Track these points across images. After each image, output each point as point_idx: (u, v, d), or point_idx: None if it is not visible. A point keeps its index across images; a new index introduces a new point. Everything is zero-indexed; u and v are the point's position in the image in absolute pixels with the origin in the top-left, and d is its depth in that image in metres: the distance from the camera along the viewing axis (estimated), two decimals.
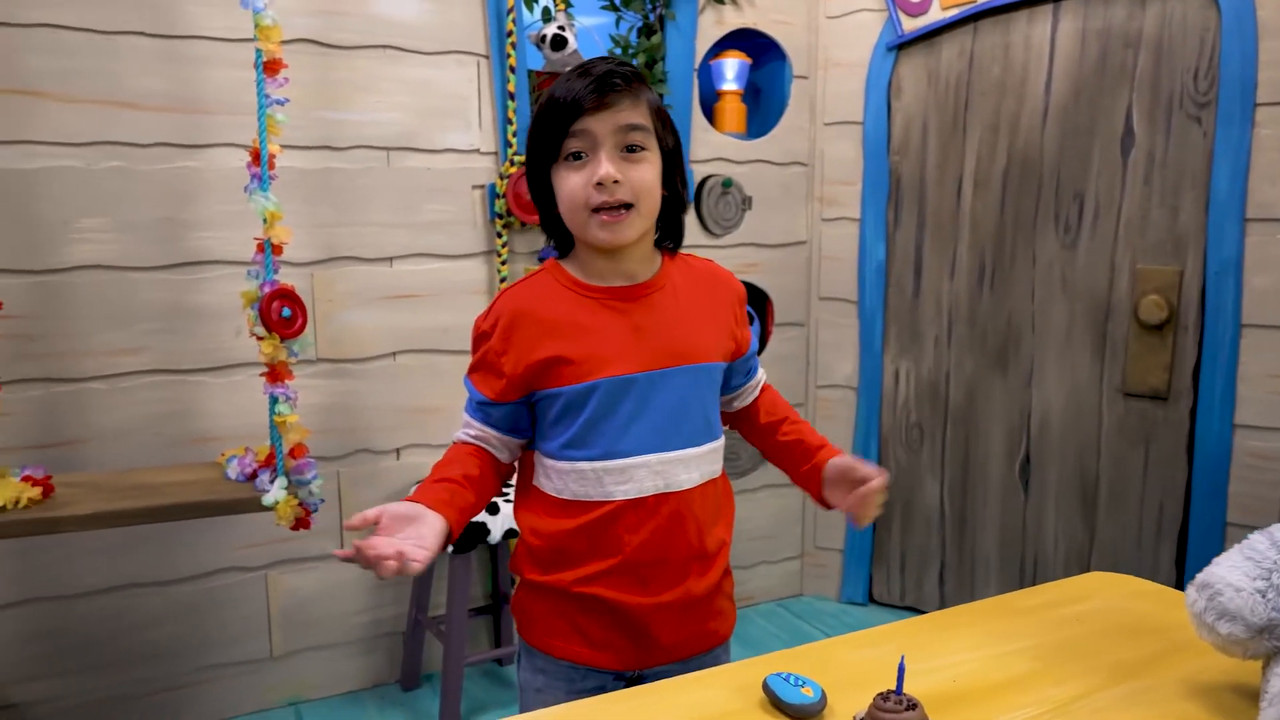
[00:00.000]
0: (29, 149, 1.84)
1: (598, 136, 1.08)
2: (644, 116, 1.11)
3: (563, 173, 1.11)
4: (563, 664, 1.18)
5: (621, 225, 1.10)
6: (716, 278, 1.25)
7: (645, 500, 1.14)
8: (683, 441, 1.16)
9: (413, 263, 2.22)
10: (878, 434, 2.74)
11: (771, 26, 2.57)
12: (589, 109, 1.08)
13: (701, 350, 1.17)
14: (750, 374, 1.31)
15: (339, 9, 2.07)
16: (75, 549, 1.97)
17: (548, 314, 1.14)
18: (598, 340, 1.14)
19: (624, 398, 1.13)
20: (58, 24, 1.84)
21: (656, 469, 1.14)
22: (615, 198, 1.09)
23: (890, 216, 2.65)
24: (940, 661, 0.98)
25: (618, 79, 1.08)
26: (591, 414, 1.13)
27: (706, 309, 1.20)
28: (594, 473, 1.14)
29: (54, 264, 1.88)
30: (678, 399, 1.15)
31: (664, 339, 1.15)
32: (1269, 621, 0.88)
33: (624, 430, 1.13)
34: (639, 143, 1.10)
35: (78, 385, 1.93)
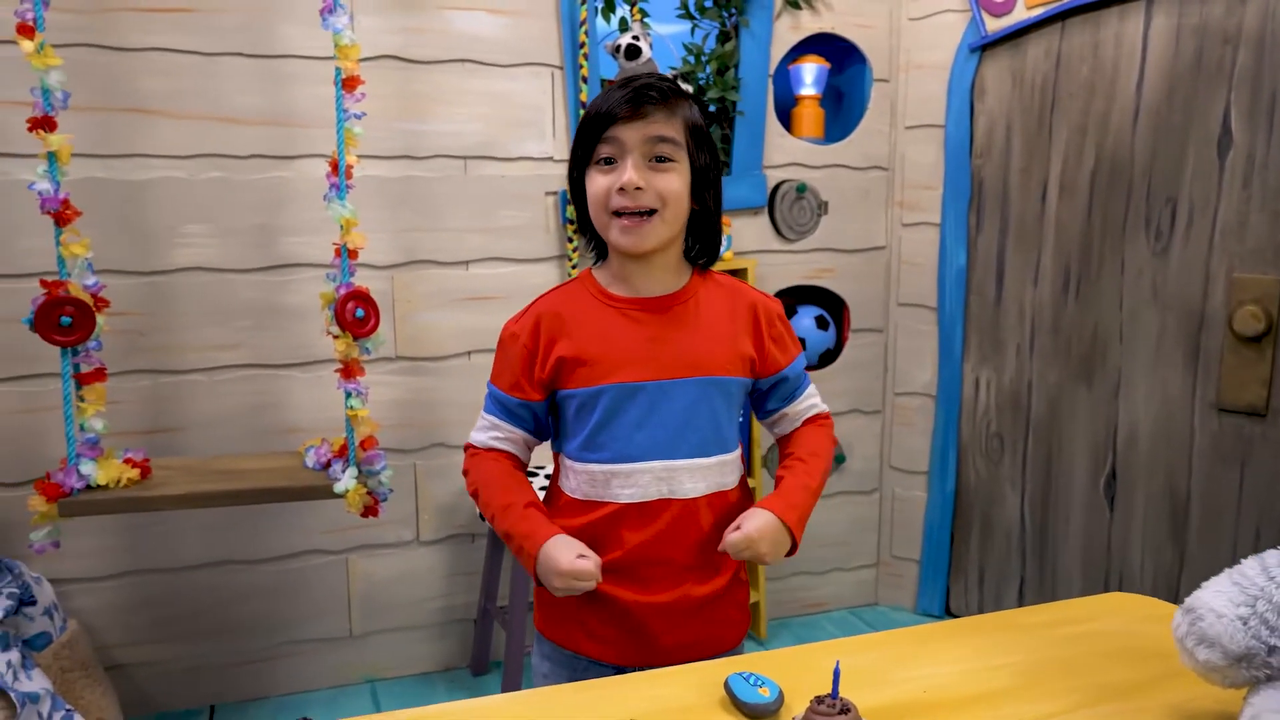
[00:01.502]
0: (141, 161, 2.03)
1: (627, 144, 1.14)
2: (676, 130, 1.16)
3: (593, 175, 1.18)
4: (567, 653, 1.23)
5: (642, 230, 1.15)
6: (743, 295, 1.28)
7: (649, 504, 1.19)
8: (690, 451, 1.20)
9: (488, 266, 2.32)
10: (956, 443, 2.68)
11: (851, 30, 2.55)
12: (622, 118, 1.13)
13: (716, 364, 1.21)
14: (789, 399, 1.31)
15: (421, 26, 2.19)
16: (178, 527, 2.16)
17: (571, 318, 1.21)
18: (612, 347, 1.19)
19: (632, 404, 1.18)
20: (167, 48, 2.02)
21: (661, 475, 1.19)
22: (637, 203, 1.14)
23: (972, 221, 2.59)
24: (918, 672, 0.99)
25: (653, 92, 1.15)
26: (601, 417, 1.19)
27: (726, 324, 1.24)
28: (602, 475, 1.20)
29: (161, 266, 2.07)
30: (686, 409, 1.19)
31: (678, 350, 1.19)
32: (1248, 650, 0.85)
33: (631, 436, 1.18)
34: (667, 154, 1.15)
35: (180, 377, 2.11)
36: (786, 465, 1.28)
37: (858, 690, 0.94)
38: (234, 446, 2.14)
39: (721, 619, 1.25)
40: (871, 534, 2.81)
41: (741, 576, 1.29)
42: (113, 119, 1.99)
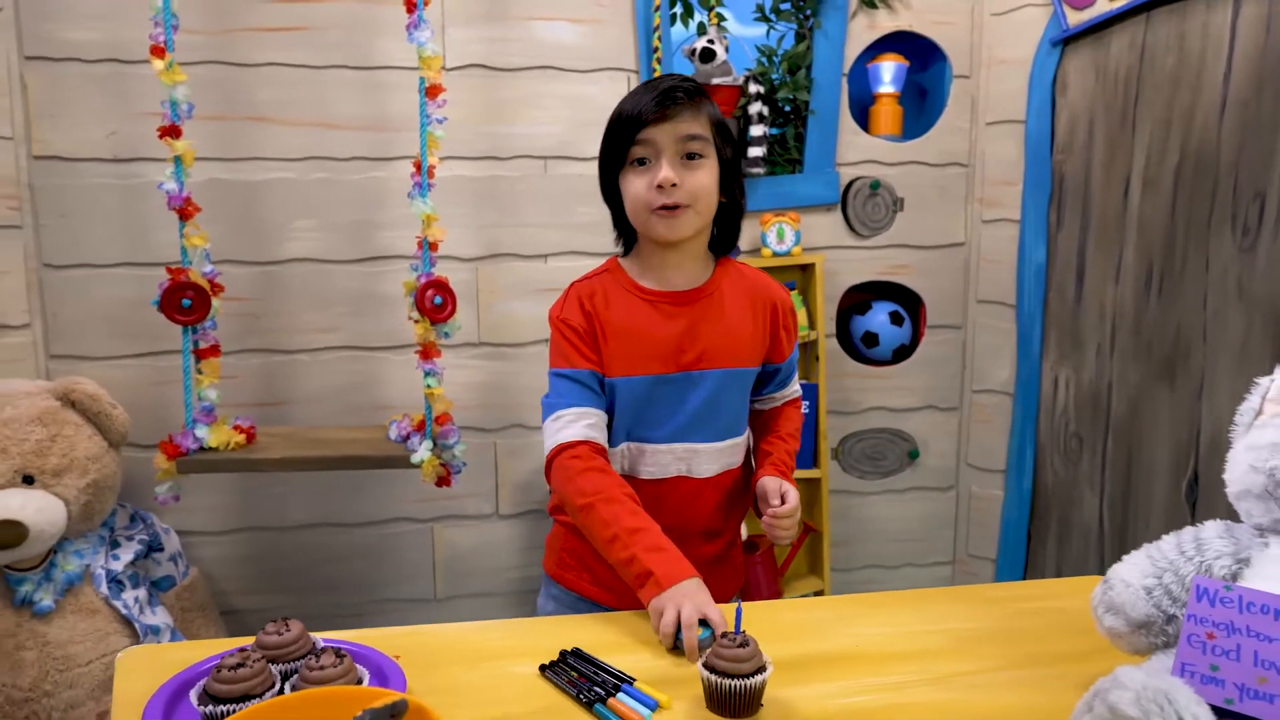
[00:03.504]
0: (257, 164, 2.28)
1: (660, 145, 1.22)
2: (703, 127, 1.24)
3: (629, 177, 1.27)
4: (571, 594, 1.36)
5: (678, 221, 1.24)
6: (764, 287, 1.36)
7: (666, 481, 1.30)
8: (708, 436, 1.30)
9: (565, 259, 2.47)
10: (1034, 442, 2.65)
11: (930, 27, 2.56)
12: (652, 120, 1.22)
13: (737, 355, 1.30)
14: (782, 385, 1.42)
15: (506, 36, 2.36)
16: (286, 491, 2.41)
17: (610, 309, 1.30)
18: (645, 339, 1.28)
19: (661, 393, 1.27)
20: (281, 63, 2.26)
21: (681, 456, 1.30)
22: (673, 199, 1.22)
23: (1052, 218, 2.55)
24: (859, 629, 1.06)
25: (679, 93, 1.23)
26: (632, 405, 1.29)
27: (748, 316, 1.32)
28: (627, 453, 1.30)
29: (274, 257, 2.32)
30: (709, 399, 1.29)
31: (705, 343, 1.28)
32: (1147, 617, 0.89)
33: (658, 422, 1.27)
34: (697, 151, 1.23)
35: (288, 356, 2.36)
36: (772, 442, 1.37)
37: (794, 639, 1.02)
38: (332, 420, 2.37)
39: (718, 576, 1.35)
40: (947, 531, 2.81)
41: (737, 542, 1.39)
42: (233, 126, 2.25)
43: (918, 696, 0.93)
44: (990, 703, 0.92)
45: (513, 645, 1.04)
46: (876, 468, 2.74)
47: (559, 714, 0.92)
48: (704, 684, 0.92)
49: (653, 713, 0.91)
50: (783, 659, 0.98)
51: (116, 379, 2.19)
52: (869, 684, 0.95)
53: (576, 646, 1.03)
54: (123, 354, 2.26)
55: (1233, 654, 0.81)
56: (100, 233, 2.21)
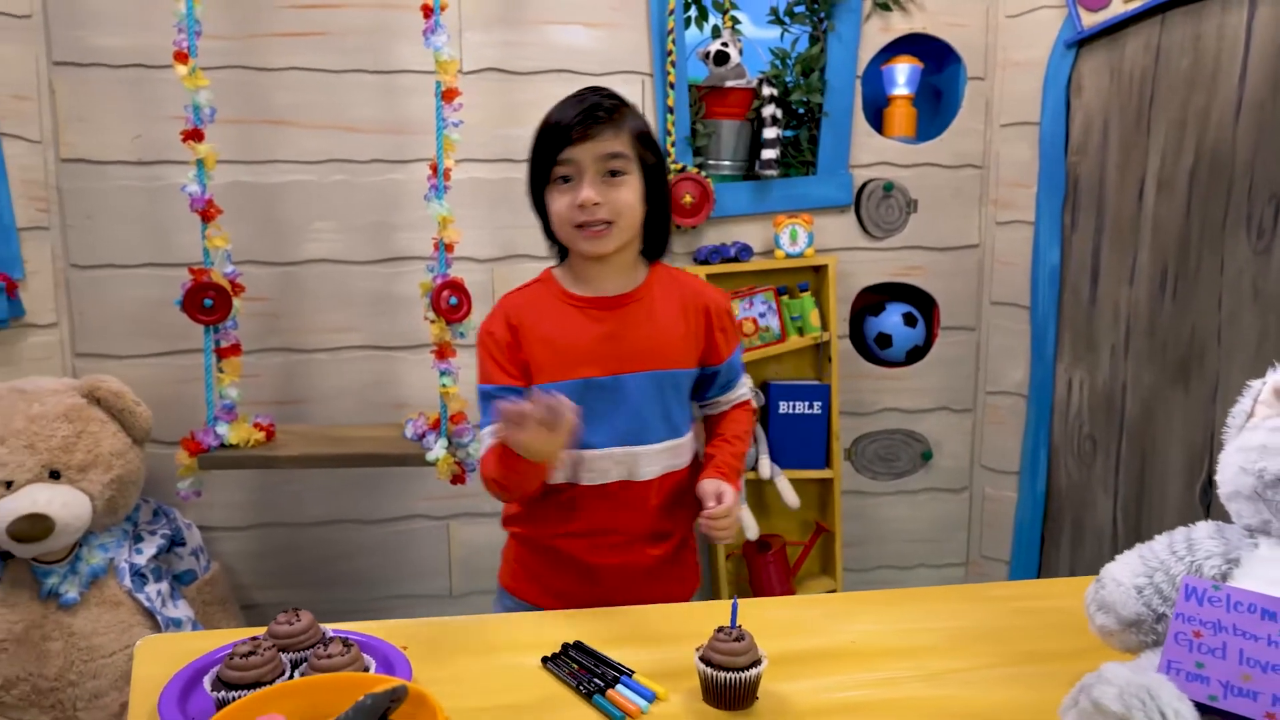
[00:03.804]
0: (277, 166, 2.33)
1: (582, 164, 1.26)
2: (624, 144, 1.28)
3: (553, 194, 1.30)
4: (523, 604, 1.38)
5: (602, 239, 1.28)
6: (696, 291, 1.39)
7: (608, 486, 1.32)
8: (648, 439, 1.33)
9: None
10: (1047, 444, 2.65)
11: (944, 29, 2.57)
12: (575, 140, 1.25)
13: (669, 357, 1.33)
14: (726, 388, 1.43)
15: (520, 40, 2.39)
16: (305, 487, 2.45)
17: (536, 318, 1.33)
18: (574, 343, 1.31)
19: (594, 397, 1.29)
20: (301, 67, 2.30)
21: (620, 460, 1.32)
22: (596, 217, 1.26)
23: (1066, 220, 2.55)
24: (857, 626, 1.08)
25: (600, 112, 1.26)
26: None
27: (679, 319, 1.35)
28: (568, 460, 1.32)
29: (293, 258, 2.36)
30: (644, 400, 1.31)
31: (634, 345, 1.31)
32: (1137, 616, 0.90)
33: (595, 426, 1.29)
34: (619, 168, 1.27)
35: (307, 355, 2.40)
36: (717, 445, 1.41)
37: (791, 635, 1.04)
38: (350, 418, 2.41)
39: (671, 577, 1.39)
40: (960, 532, 2.81)
41: (691, 543, 1.41)
42: (254, 130, 2.29)
43: (910, 692, 0.95)
44: (981, 699, 0.94)
45: (516, 638, 1.07)
46: (890, 469, 2.75)
47: (560, 704, 0.94)
48: (700, 677, 0.94)
49: (650, 704, 0.94)
50: (778, 654, 1.00)
51: (140, 377, 2.24)
52: (862, 679, 0.97)
53: (578, 640, 1.05)
54: (146, 353, 2.31)
55: (1219, 652, 0.82)
56: (125, 234, 2.26)
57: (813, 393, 2.56)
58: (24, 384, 2.07)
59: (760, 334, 2.51)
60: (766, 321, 2.52)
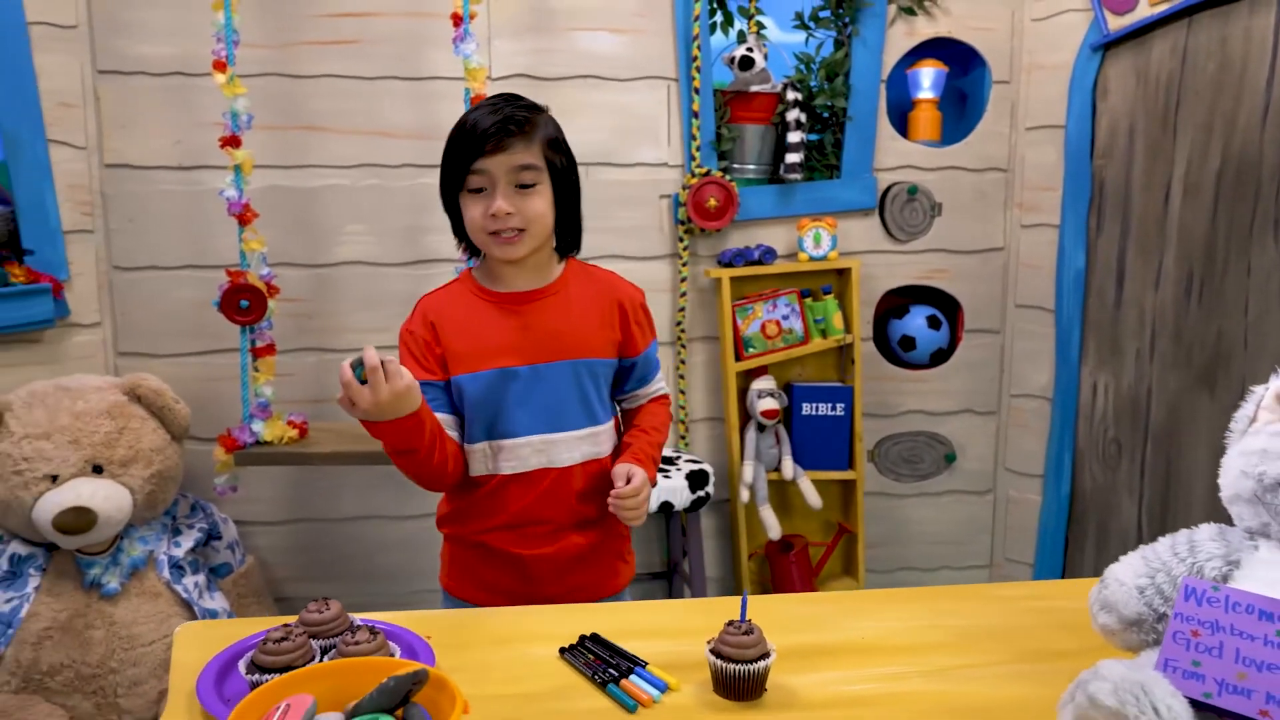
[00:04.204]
0: (312, 171, 2.39)
1: (494, 175, 1.29)
2: (535, 156, 1.31)
3: (467, 201, 1.33)
4: (464, 604, 1.42)
5: (514, 246, 1.31)
6: (611, 285, 1.44)
7: (530, 474, 1.36)
8: (565, 425, 1.37)
9: (606, 263, 2.46)
10: (1072, 447, 2.65)
11: (969, 33, 2.58)
12: (488, 151, 1.28)
13: (585, 347, 1.37)
14: (643, 381, 1.47)
15: (549, 47, 2.43)
16: (337, 484, 2.51)
17: (453, 314, 1.37)
18: (489, 337, 1.35)
19: (511, 386, 1.34)
20: (336, 74, 2.36)
21: (539, 448, 1.36)
22: (508, 225, 1.29)
23: (1092, 223, 2.55)
24: (866, 623, 1.10)
25: (513, 125, 1.28)
26: (484, 399, 1.35)
27: (595, 312, 1.39)
28: (490, 450, 1.36)
29: (327, 260, 2.43)
30: (560, 388, 1.36)
31: (549, 336, 1.35)
32: (1138, 615, 0.92)
33: (511, 415, 1.34)
34: (529, 180, 1.30)
35: (339, 355, 2.45)
36: (634, 435, 1.44)
37: (802, 631, 1.08)
38: None
39: (603, 567, 1.43)
40: (984, 535, 2.82)
41: (620, 531, 1.46)
42: (290, 135, 2.36)
43: (914, 686, 0.98)
44: (984, 694, 0.96)
45: (536, 630, 1.11)
46: (913, 470, 2.76)
47: (575, 693, 0.98)
48: (711, 668, 0.97)
49: (662, 694, 0.97)
50: (789, 648, 1.03)
51: (179, 375, 2.31)
52: (870, 674, 1.00)
53: (595, 632, 1.09)
54: (185, 352, 2.38)
55: (1216, 651, 0.84)
56: (166, 237, 2.34)
57: (836, 394, 2.58)
58: (69, 382, 2.15)
59: (783, 336, 2.54)
60: (790, 324, 2.54)
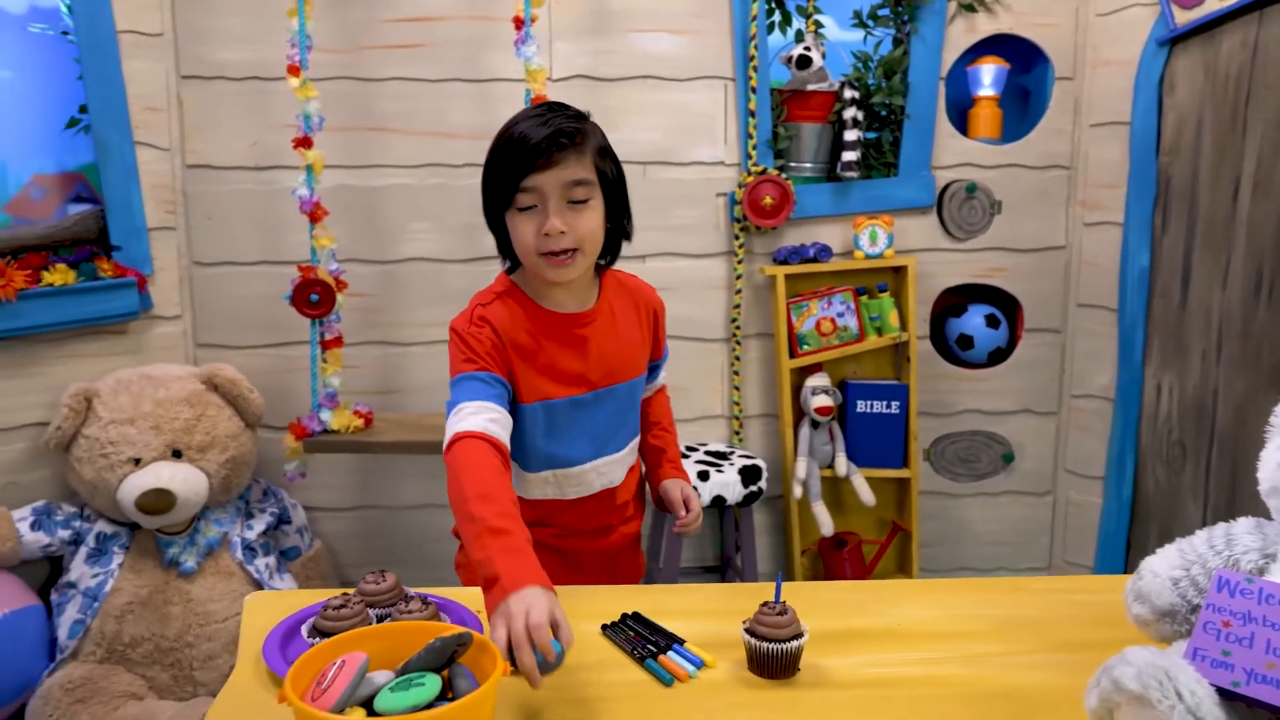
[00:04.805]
0: (379, 171, 2.48)
1: (545, 192, 1.21)
2: (587, 170, 1.24)
3: (516, 220, 1.25)
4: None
5: (567, 268, 1.24)
6: (642, 294, 1.43)
7: (594, 495, 1.39)
8: (619, 445, 1.39)
9: (662, 260, 2.58)
10: (1135, 449, 2.60)
11: (1031, 29, 2.56)
12: (538, 168, 1.20)
13: (635, 366, 1.38)
14: (654, 374, 1.49)
15: (609, 48, 2.49)
16: (401, 473, 2.60)
17: (515, 335, 1.29)
18: (556, 365, 1.30)
19: (576, 414, 1.33)
20: (403, 77, 2.45)
21: (602, 470, 1.38)
22: (561, 246, 1.22)
23: (1157, 221, 2.50)
24: (902, 611, 1.12)
25: (564, 138, 1.21)
26: (549, 427, 1.32)
27: (636, 328, 1.40)
28: (555, 479, 1.36)
29: (392, 256, 2.51)
30: (617, 411, 1.37)
31: (608, 361, 1.34)
32: (1171, 606, 0.93)
33: (577, 443, 1.34)
34: (583, 196, 1.23)
35: (403, 348, 2.55)
36: (658, 435, 1.49)
37: (839, 616, 1.10)
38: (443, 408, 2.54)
39: (636, 556, 1.49)
40: (1042, 537, 2.78)
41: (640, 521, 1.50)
42: (359, 137, 2.45)
43: (947, 671, 0.99)
44: (1014, 680, 0.97)
45: (581, 608, 1.15)
46: (970, 470, 2.74)
47: (614, 666, 1.02)
48: (746, 647, 1.01)
49: (698, 670, 1.01)
50: (824, 632, 1.06)
51: (253, 366, 2.42)
52: (902, 658, 1.02)
53: (636, 610, 1.13)
54: (259, 344, 2.49)
55: (1246, 641, 0.85)
56: (242, 234, 2.45)
57: (891, 392, 2.58)
58: (152, 370, 2.27)
59: (838, 333, 2.55)
60: (844, 321, 2.55)
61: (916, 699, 0.95)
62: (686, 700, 0.96)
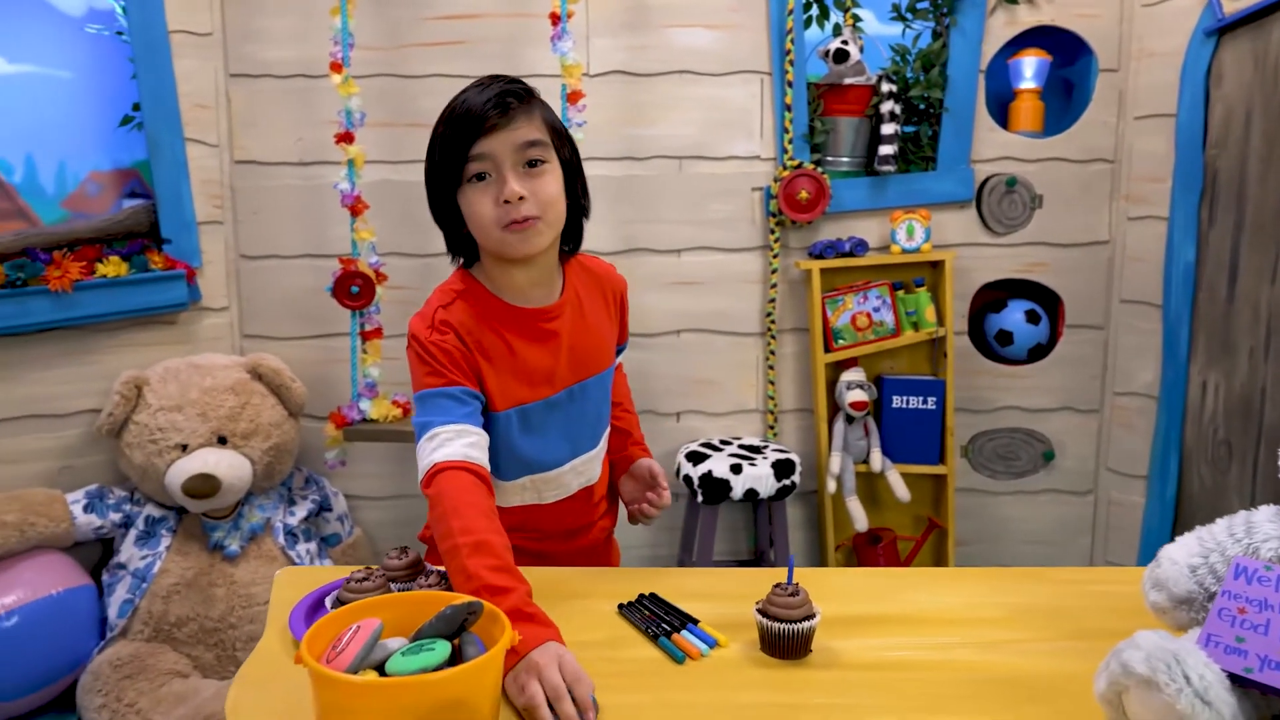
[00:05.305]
0: (419, 166, 2.49)
1: (499, 156, 1.13)
2: (541, 131, 1.16)
3: (470, 195, 1.16)
4: None
5: (530, 234, 1.14)
6: (607, 277, 1.35)
7: (572, 496, 1.33)
8: (594, 440, 1.32)
9: (697, 255, 2.59)
10: (1179, 448, 2.55)
11: (1074, 21, 2.52)
12: (486, 130, 1.12)
13: (606, 357, 1.31)
14: (616, 357, 1.43)
15: (645, 44, 2.50)
16: None
17: (481, 337, 1.20)
18: (527, 367, 1.22)
19: (551, 414, 1.25)
20: (443, 73, 2.49)
21: (580, 470, 1.31)
22: (523, 213, 1.13)
23: (1203, 215, 2.45)
24: (922, 597, 1.12)
25: (511, 98, 1.14)
26: (525, 432, 1.24)
27: (604, 316, 1.32)
28: (532, 484, 1.28)
29: (432, 250, 2.55)
30: (592, 406, 1.30)
31: (578, 356, 1.26)
32: (1188, 594, 0.92)
33: (554, 446, 1.27)
34: (539, 157, 1.15)
35: None
36: (619, 415, 1.43)
37: (856, 601, 1.11)
38: None
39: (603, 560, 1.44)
40: (1083, 537, 2.74)
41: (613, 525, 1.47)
42: (400, 132, 2.50)
43: (959, 656, 0.99)
44: (1027, 666, 0.97)
45: (599, 588, 1.17)
46: (1009, 468, 2.71)
47: (628, 643, 1.04)
48: (758, 627, 1.02)
49: (711, 649, 1.02)
50: (840, 616, 1.07)
51: (296, 357, 2.48)
52: (916, 642, 1.02)
53: (654, 591, 1.15)
54: (302, 335, 2.55)
55: (1261, 629, 0.84)
56: (287, 228, 2.51)
57: (927, 388, 2.56)
58: (199, 360, 2.34)
59: (874, 328, 2.53)
60: (880, 316, 2.54)
61: (926, 681, 0.95)
62: (697, 677, 0.97)
